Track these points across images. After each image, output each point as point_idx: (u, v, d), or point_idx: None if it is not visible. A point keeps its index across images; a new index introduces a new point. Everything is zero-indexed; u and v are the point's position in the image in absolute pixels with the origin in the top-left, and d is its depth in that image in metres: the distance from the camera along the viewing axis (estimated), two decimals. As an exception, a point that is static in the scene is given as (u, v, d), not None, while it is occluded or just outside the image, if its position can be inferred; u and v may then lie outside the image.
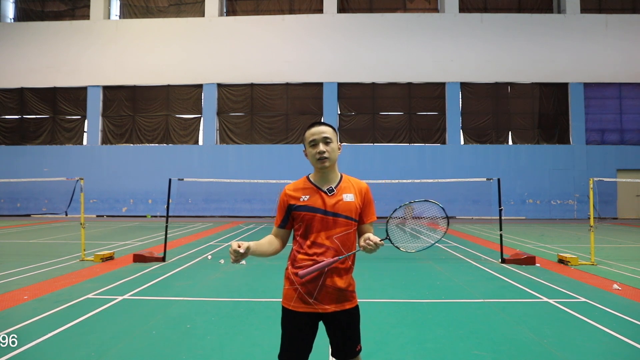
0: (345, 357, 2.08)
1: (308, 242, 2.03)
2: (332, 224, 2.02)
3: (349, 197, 2.06)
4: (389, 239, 2.09)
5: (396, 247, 2.13)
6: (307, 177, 2.15)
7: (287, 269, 2.10)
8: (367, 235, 1.95)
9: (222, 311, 4.58)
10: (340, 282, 2.02)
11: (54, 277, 6.24)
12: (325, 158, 2.03)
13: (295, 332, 2.03)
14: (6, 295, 5.16)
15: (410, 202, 2.23)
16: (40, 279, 6.14)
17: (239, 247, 1.83)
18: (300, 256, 2.04)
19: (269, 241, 2.10)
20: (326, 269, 1.98)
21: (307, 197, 2.06)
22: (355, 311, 2.09)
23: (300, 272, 1.93)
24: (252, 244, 1.91)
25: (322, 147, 2.03)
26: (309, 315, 2.01)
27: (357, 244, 2.08)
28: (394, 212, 2.18)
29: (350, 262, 2.08)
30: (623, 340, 3.69)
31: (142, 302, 4.94)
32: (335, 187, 2.08)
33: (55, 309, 4.57)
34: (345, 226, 2.04)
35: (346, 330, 2.06)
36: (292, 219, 2.11)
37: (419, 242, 2.21)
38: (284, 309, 2.07)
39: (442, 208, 2.23)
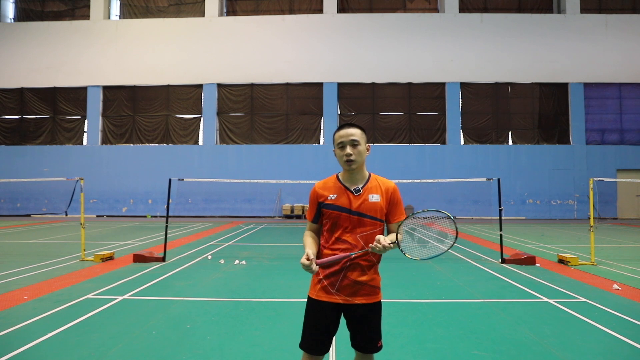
0: (365, 351, 2.15)
1: (333, 239, 2.13)
2: (357, 223, 2.10)
3: (374, 198, 2.13)
4: (397, 244, 2.11)
5: (402, 252, 2.14)
6: (337, 176, 2.23)
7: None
8: (378, 237, 1.99)
9: (222, 311, 4.58)
10: (361, 276, 2.10)
11: (54, 277, 6.24)
12: (352, 161, 2.10)
13: (317, 320, 2.11)
14: (6, 295, 5.16)
15: (423, 211, 2.26)
16: (40, 279, 6.14)
17: (307, 259, 1.95)
18: (325, 251, 2.14)
19: (313, 238, 2.20)
20: (348, 263, 2.08)
21: (335, 195, 2.14)
22: (377, 306, 2.15)
23: (318, 261, 2.04)
24: (309, 250, 2.03)
25: (349, 149, 2.10)
26: (331, 306, 2.10)
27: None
28: (405, 219, 2.17)
29: (374, 259, 2.14)
30: (623, 340, 3.69)
31: (142, 302, 4.94)
32: (362, 188, 2.15)
33: (55, 309, 4.57)
34: (370, 226, 2.11)
35: (365, 324, 2.12)
36: (322, 214, 2.19)
37: (425, 250, 2.22)
38: (309, 298, 2.17)
39: (454, 222, 2.24)
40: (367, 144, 2.20)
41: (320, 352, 2.10)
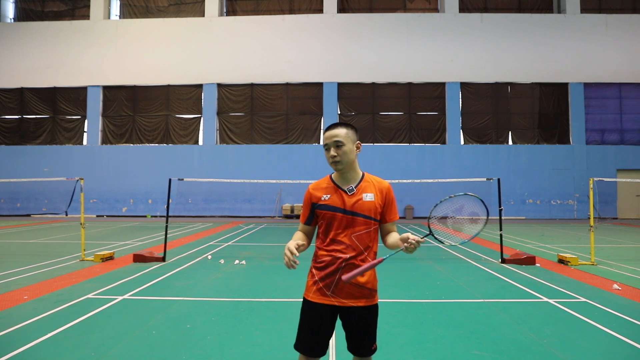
0: (360, 354, 2.13)
1: (328, 240, 2.10)
2: (351, 223, 2.07)
3: (368, 197, 2.10)
4: (433, 235, 2.14)
5: (440, 241, 2.15)
6: (330, 176, 2.21)
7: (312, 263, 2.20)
8: (405, 235, 1.97)
9: (222, 311, 4.58)
10: (358, 278, 2.05)
11: (54, 277, 6.24)
12: (338, 162, 2.08)
13: (312, 322, 2.08)
14: (6, 295, 5.16)
15: (450, 197, 2.24)
16: (40, 279, 6.14)
17: (292, 251, 1.91)
18: (320, 252, 2.12)
19: (302, 237, 2.19)
20: (343, 264, 2.04)
21: (328, 196, 2.11)
22: (373, 309, 2.12)
23: (344, 277, 1.96)
24: (297, 241, 2.02)
25: (333, 151, 2.08)
26: (327, 308, 2.07)
27: (376, 244, 2.15)
28: (434, 208, 2.20)
29: (369, 260, 2.10)
30: (623, 340, 3.69)
31: (142, 302, 4.94)
32: (355, 187, 2.12)
33: (55, 309, 4.57)
34: (364, 225, 2.08)
35: (361, 327, 2.09)
36: (316, 216, 2.18)
37: (461, 234, 2.22)
38: (304, 300, 2.14)
39: (482, 200, 2.23)
40: (358, 142, 2.15)
41: (316, 354, 2.08)
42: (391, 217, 2.17)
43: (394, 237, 2.10)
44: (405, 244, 1.92)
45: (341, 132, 2.09)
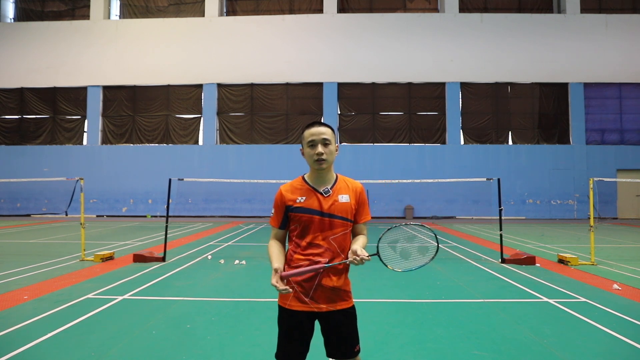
0: (342, 358, 2.06)
1: (304, 243, 2.04)
2: (328, 225, 2.02)
3: (344, 198, 2.06)
4: (379, 256, 2.08)
5: (384, 264, 2.10)
6: (303, 178, 2.14)
7: (283, 268, 2.12)
8: (354, 248, 1.93)
9: (222, 311, 4.58)
10: (336, 282, 2.02)
11: (54, 277, 6.24)
12: (323, 160, 2.02)
13: (291, 330, 2.03)
14: (6, 295, 5.16)
15: (405, 224, 2.22)
16: (40, 279, 6.14)
17: (277, 282, 1.89)
18: (296, 256, 2.04)
19: (279, 248, 2.12)
20: (321, 269, 1.97)
21: (304, 198, 2.05)
22: (351, 311, 2.08)
23: (283, 273, 1.91)
24: (277, 265, 1.96)
25: (320, 148, 2.01)
26: (305, 314, 2.01)
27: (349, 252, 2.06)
28: (387, 231, 2.17)
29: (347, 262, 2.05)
30: (623, 340, 3.69)
31: (142, 302, 4.94)
32: (331, 188, 2.07)
33: (55, 309, 4.57)
34: (341, 227, 2.04)
35: (342, 330, 2.05)
36: (289, 219, 2.11)
37: (407, 262, 2.15)
38: (280, 308, 2.07)
39: (435, 235, 2.22)
40: (337, 144, 2.12)
41: None
42: (363, 218, 2.14)
43: (355, 243, 2.05)
44: (355, 258, 1.89)
45: (328, 131, 2.06)
